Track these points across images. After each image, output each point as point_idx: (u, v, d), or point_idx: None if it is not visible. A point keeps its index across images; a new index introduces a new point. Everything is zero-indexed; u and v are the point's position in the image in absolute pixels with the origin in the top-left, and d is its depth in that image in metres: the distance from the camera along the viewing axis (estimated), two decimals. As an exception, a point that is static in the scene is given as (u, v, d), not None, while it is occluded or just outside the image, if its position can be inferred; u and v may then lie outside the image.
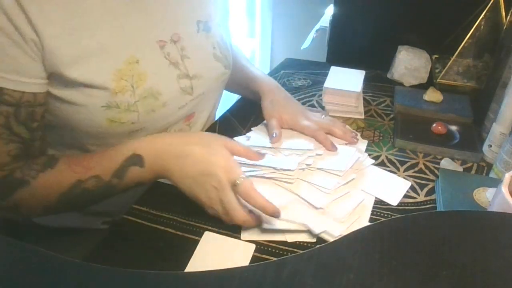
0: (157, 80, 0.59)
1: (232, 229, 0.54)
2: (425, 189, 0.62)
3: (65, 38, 0.50)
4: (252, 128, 0.74)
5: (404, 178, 0.65)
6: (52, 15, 0.49)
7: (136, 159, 0.53)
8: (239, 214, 0.51)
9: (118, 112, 0.56)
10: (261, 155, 0.60)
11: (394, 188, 0.62)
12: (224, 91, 0.87)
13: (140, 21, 0.58)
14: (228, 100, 0.82)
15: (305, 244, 0.53)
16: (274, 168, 0.60)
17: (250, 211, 0.53)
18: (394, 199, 0.60)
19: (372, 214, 0.57)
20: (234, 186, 0.51)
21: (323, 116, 0.74)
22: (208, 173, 0.51)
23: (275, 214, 0.51)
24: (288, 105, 0.73)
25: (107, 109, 0.55)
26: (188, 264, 0.49)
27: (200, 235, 0.53)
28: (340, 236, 0.49)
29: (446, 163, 0.68)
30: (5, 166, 0.52)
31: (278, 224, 0.53)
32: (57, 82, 0.53)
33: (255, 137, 0.70)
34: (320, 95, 0.88)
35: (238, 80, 0.82)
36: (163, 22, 0.61)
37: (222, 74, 0.71)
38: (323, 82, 0.82)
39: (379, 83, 0.96)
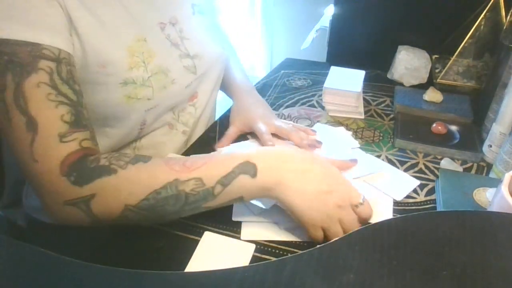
0: (164, 58, 0.61)
1: (232, 229, 0.54)
2: (425, 189, 0.62)
3: (84, 12, 0.52)
4: (248, 136, 0.74)
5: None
6: None
7: (248, 167, 0.48)
8: (354, 223, 0.50)
9: (135, 87, 0.58)
10: (355, 162, 0.63)
11: (401, 184, 0.63)
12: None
13: (140, 4, 0.60)
14: (228, 100, 0.82)
15: (305, 244, 0.53)
16: None
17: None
18: (398, 194, 0.61)
19: (372, 214, 0.57)
20: (355, 207, 0.50)
21: (290, 125, 0.72)
22: (332, 191, 0.49)
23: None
24: (250, 109, 0.74)
25: (124, 85, 0.57)
26: (188, 264, 0.49)
27: (200, 235, 0.53)
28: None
29: (446, 163, 0.68)
30: (65, 136, 0.47)
31: None
32: (77, 62, 0.53)
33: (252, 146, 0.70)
34: (320, 95, 0.88)
35: (222, 82, 0.82)
36: (161, 5, 0.64)
37: (220, 55, 0.74)
38: (323, 82, 0.82)
39: (379, 83, 0.96)
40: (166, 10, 0.64)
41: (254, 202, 0.54)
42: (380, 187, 0.61)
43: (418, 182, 0.64)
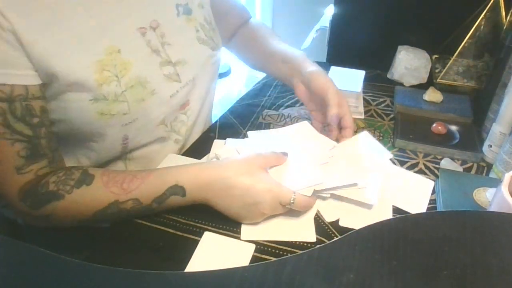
0: (142, 68, 0.58)
1: (232, 229, 0.54)
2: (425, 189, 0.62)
3: (39, 31, 0.49)
4: (247, 132, 0.73)
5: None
6: (23, 9, 0.48)
7: (178, 189, 0.54)
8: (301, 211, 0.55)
9: (107, 104, 0.55)
10: (286, 155, 0.60)
11: (415, 192, 0.60)
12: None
13: (116, 9, 0.57)
14: (228, 100, 0.82)
15: (305, 244, 0.53)
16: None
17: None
18: (418, 206, 0.58)
19: (372, 214, 0.57)
20: (287, 205, 0.53)
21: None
22: (256, 202, 0.52)
23: None
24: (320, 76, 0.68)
25: (95, 102, 0.55)
26: (188, 264, 0.49)
27: (200, 235, 0.53)
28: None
29: (446, 163, 0.68)
30: (22, 169, 0.52)
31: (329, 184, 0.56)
32: (43, 80, 0.52)
33: (252, 141, 0.69)
34: (320, 95, 0.88)
35: (263, 62, 0.79)
36: (141, 8, 0.59)
37: (210, 57, 0.69)
38: (323, 82, 0.82)
39: (379, 83, 0.96)
40: (146, 14, 0.60)
41: None
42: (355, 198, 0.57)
43: (432, 183, 0.61)
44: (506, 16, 0.80)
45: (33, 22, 0.49)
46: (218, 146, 0.69)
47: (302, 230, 0.54)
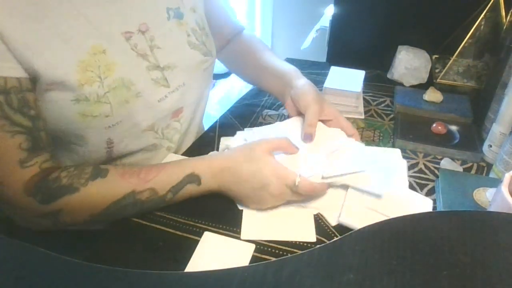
0: (127, 70, 0.57)
1: (232, 229, 0.54)
2: (425, 189, 0.62)
3: (21, 27, 0.48)
4: (245, 129, 0.73)
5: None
6: (5, 3, 0.47)
7: (193, 178, 0.56)
8: (309, 197, 0.56)
9: (88, 105, 0.54)
10: (297, 149, 0.60)
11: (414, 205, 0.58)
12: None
13: (104, 11, 0.55)
14: (228, 100, 0.82)
15: (305, 244, 0.53)
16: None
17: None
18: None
19: (372, 214, 0.57)
20: (293, 187, 0.54)
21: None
22: (264, 186, 0.54)
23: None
24: (308, 91, 0.67)
25: (76, 103, 0.53)
26: (188, 264, 0.49)
27: (200, 235, 0.53)
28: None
29: (446, 163, 0.68)
30: (25, 162, 0.51)
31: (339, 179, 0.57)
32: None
33: (261, 131, 0.68)
34: (320, 95, 0.88)
35: (256, 76, 0.79)
36: (129, 11, 0.58)
37: (202, 62, 0.67)
38: (323, 82, 0.82)
39: (379, 83, 0.96)
40: (134, 17, 0.59)
41: None
42: (363, 188, 0.57)
43: (431, 201, 0.58)
44: (506, 16, 0.80)
45: (14, 18, 0.48)
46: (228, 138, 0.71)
47: (302, 230, 0.54)
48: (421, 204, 0.58)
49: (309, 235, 0.54)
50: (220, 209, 0.58)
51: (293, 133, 0.65)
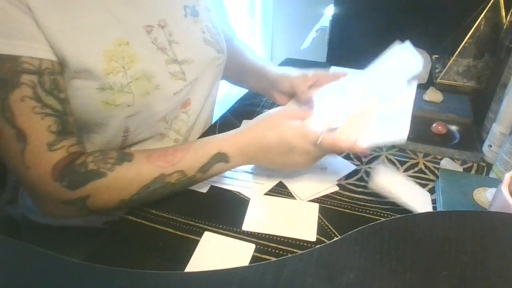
0: (148, 63, 0.59)
1: (232, 229, 0.54)
2: (425, 189, 0.62)
3: (54, 15, 0.50)
4: (243, 121, 0.74)
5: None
6: None
7: (221, 157, 0.57)
8: (341, 151, 0.57)
9: (112, 93, 0.55)
10: (311, 104, 0.62)
11: (417, 198, 0.59)
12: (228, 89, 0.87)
13: (127, 5, 0.58)
14: (228, 100, 0.82)
15: (305, 244, 0.53)
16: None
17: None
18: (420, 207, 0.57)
19: (372, 214, 0.57)
20: (316, 145, 0.55)
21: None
22: (291, 148, 0.56)
23: (365, 153, 0.56)
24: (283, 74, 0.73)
25: (101, 91, 0.55)
26: (188, 264, 0.49)
27: (200, 235, 0.53)
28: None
29: (446, 163, 0.68)
30: (53, 145, 0.51)
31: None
32: None
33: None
34: (320, 95, 0.88)
35: (247, 78, 0.82)
36: (150, 7, 0.61)
37: (215, 59, 0.71)
38: (323, 82, 0.81)
39: (379, 83, 0.96)
40: (155, 13, 0.61)
41: None
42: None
43: (429, 195, 0.60)
44: (506, 16, 0.80)
45: (48, 6, 0.49)
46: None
47: (303, 229, 0.54)
48: (421, 195, 0.60)
49: (310, 234, 0.54)
50: (220, 209, 0.58)
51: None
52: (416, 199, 0.59)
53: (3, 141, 0.49)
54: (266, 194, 0.60)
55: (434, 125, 0.75)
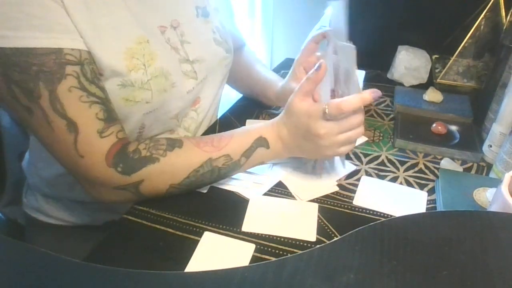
0: (165, 61, 0.60)
1: (232, 229, 0.54)
2: (425, 189, 0.62)
3: (82, 12, 0.51)
4: (247, 121, 0.75)
5: (405, 178, 0.65)
6: None
7: (263, 141, 0.59)
8: (351, 109, 0.54)
9: (133, 90, 0.57)
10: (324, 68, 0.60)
11: (411, 202, 0.60)
12: (230, 91, 0.88)
13: (143, 5, 0.59)
14: (228, 100, 0.82)
15: (305, 244, 0.53)
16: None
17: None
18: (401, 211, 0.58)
19: (372, 214, 0.57)
20: (325, 115, 0.55)
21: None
22: (308, 132, 0.56)
23: (374, 94, 0.55)
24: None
25: (122, 87, 0.56)
26: (188, 264, 0.49)
27: (200, 235, 0.53)
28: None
29: (446, 163, 0.68)
30: (103, 132, 0.52)
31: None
32: None
33: None
34: (320, 95, 0.88)
35: (252, 86, 0.85)
36: (163, 8, 0.62)
37: (224, 58, 0.73)
38: (323, 82, 0.81)
39: (379, 83, 0.96)
40: (167, 13, 0.63)
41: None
42: None
43: (425, 193, 0.61)
44: (506, 16, 0.80)
45: (77, 2, 0.51)
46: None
47: (303, 229, 0.54)
48: (417, 197, 0.60)
49: (310, 234, 0.54)
50: (220, 209, 0.58)
51: None
52: (406, 205, 0.59)
53: (54, 134, 0.50)
54: (265, 194, 0.60)
55: (434, 125, 0.75)
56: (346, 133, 0.56)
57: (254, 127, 0.61)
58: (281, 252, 0.52)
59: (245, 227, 0.54)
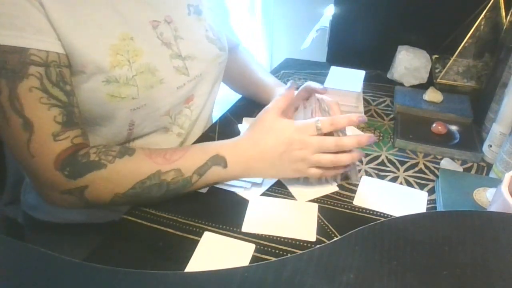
0: (152, 57, 0.60)
1: (232, 229, 0.54)
2: (425, 189, 0.62)
3: (63, 9, 0.52)
4: (244, 118, 0.75)
5: (405, 178, 0.65)
6: None
7: (219, 160, 0.56)
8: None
9: (118, 86, 0.57)
10: (292, 86, 0.61)
11: (411, 202, 0.60)
12: (228, 91, 0.88)
13: (132, 2, 0.59)
14: (228, 100, 0.82)
15: (305, 244, 0.53)
16: None
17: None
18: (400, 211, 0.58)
19: (372, 214, 0.57)
20: (317, 132, 0.55)
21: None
22: (288, 146, 0.55)
23: (361, 118, 0.56)
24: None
25: (107, 84, 0.56)
26: (188, 264, 0.49)
27: (200, 235, 0.53)
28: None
29: (446, 163, 0.68)
30: (58, 135, 0.52)
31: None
32: None
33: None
34: (320, 95, 0.88)
35: (247, 86, 0.85)
36: (155, 4, 0.63)
37: (218, 56, 0.72)
38: (323, 82, 0.82)
39: (379, 83, 0.96)
40: (160, 9, 0.63)
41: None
42: None
43: (426, 193, 0.61)
44: (506, 16, 0.80)
45: (57, 2, 0.51)
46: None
47: (303, 229, 0.54)
48: (417, 197, 0.61)
49: (310, 234, 0.54)
50: (220, 209, 0.58)
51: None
52: (406, 205, 0.59)
53: (9, 130, 0.51)
54: (265, 194, 0.60)
55: (434, 125, 0.75)
56: (324, 155, 0.55)
57: (213, 143, 0.59)
58: (281, 252, 0.52)
59: (245, 228, 0.54)
